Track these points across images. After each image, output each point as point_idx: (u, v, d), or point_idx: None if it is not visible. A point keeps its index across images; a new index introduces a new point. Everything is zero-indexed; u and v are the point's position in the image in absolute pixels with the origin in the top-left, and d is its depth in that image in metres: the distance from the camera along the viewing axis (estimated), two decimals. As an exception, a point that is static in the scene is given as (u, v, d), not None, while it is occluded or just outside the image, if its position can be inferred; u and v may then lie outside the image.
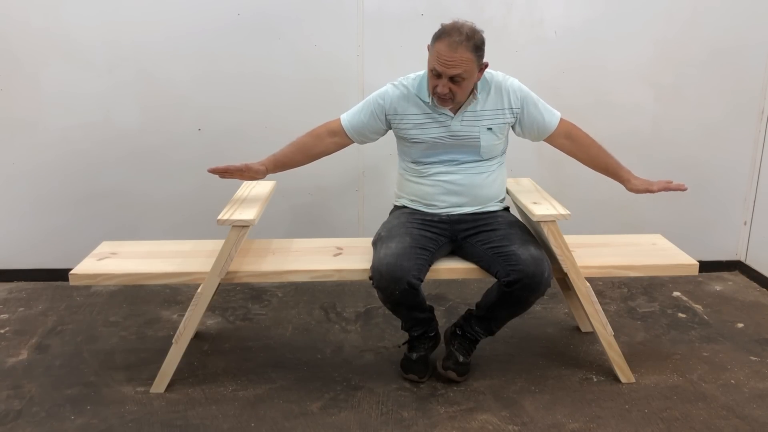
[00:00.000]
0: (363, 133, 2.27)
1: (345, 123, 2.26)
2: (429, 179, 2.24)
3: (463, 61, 1.99)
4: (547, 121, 2.25)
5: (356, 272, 2.20)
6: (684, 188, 2.22)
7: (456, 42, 1.98)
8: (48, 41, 2.86)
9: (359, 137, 2.28)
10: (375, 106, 2.23)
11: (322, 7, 2.90)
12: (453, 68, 2.00)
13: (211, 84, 2.96)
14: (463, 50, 1.98)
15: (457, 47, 1.98)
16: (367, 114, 2.24)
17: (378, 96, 2.23)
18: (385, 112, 2.22)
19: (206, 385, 2.26)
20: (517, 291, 2.07)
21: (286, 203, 3.12)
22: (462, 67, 2.00)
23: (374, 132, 2.27)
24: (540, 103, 2.24)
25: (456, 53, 1.98)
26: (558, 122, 2.26)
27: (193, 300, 2.14)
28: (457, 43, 1.98)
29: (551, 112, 2.26)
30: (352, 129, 2.26)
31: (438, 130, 2.18)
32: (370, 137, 2.30)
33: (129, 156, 3.03)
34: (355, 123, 2.25)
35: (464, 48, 1.98)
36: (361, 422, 2.05)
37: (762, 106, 3.12)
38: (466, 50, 1.99)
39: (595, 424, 2.05)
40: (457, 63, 1.99)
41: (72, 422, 2.04)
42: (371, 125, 2.25)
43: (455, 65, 1.99)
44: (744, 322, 2.75)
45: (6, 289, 3.05)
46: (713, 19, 3.00)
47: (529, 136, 2.30)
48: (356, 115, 2.26)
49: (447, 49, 1.99)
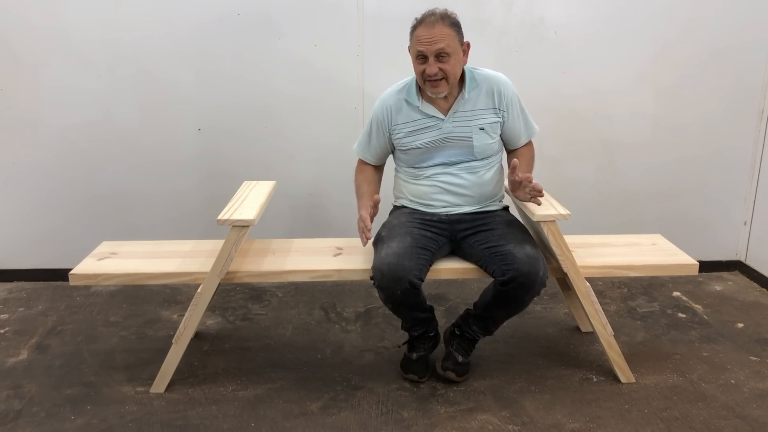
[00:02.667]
0: (379, 155, 2.34)
1: (365, 158, 2.36)
2: (426, 180, 2.25)
3: (443, 36, 2.05)
4: (528, 134, 2.30)
5: (356, 272, 2.21)
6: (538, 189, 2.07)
7: (432, 21, 2.06)
8: (48, 41, 2.86)
9: (380, 161, 2.37)
10: (377, 124, 2.28)
11: (322, 7, 2.90)
12: (436, 43, 2.05)
13: (211, 84, 2.96)
14: (441, 26, 2.05)
15: (434, 24, 2.05)
16: (374, 136, 2.30)
17: (372, 118, 2.29)
18: (383, 128, 2.27)
19: (206, 385, 2.26)
20: (512, 290, 2.07)
21: (286, 203, 3.13)
22: (444, 41, 2.05)
23: (387, 148, 2.33)
24: (525, 114, 2.28)
25: (435, 29, 2.05)
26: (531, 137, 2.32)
27: (193, 300, 2.14)
28: (434, 22, 2.06)
29: (530, 126, 2.30)
30: (374, 158, 2.35)
31: (431, 134, 2.20)
32: (387, 154, 2.36)
33: (129, 156, 3.03)
34: (373, 151, 2.33)
35: (441, 24, 2.06)
36: (361, 422, 2.05)
37: (762, 105, 3.12)
38: (444, 25, 2.06)
39: (595, 424, 2.05)
40: (437, 38, 2.05)
41: (72, 422, 2.04)
42: (380, 145, 2.31)
43: (436, 40, 2.05)
44: (744, 322, 2.75)
45: (6, 289, 3.05)
46: (713, 19, 3.00)
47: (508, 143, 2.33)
48: (368, 147, 2.33)
49: (425, 29, 2.06)
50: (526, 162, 2.29)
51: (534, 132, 2.32)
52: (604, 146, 3.14)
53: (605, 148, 3.15)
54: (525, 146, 2.33)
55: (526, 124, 2.29)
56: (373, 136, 2.30)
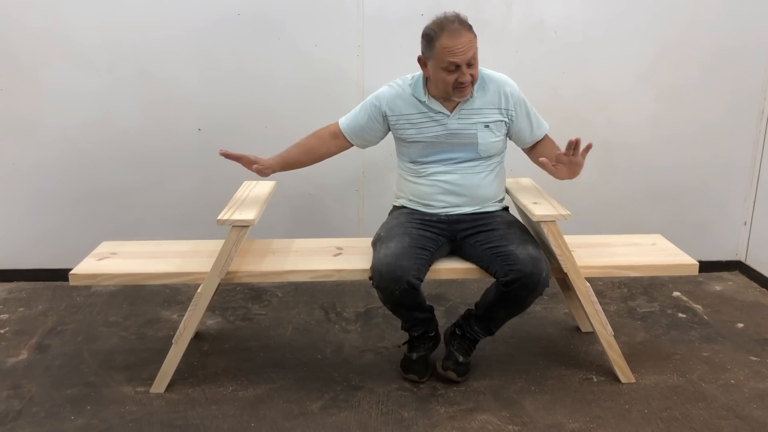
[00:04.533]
0: (362, 135, 2.29)
1: (343, 126, 2.29)
2: (427, 179, 2.25)
3: (470, 43, 2.04)
4: (534, 133, 2.28)
5: (356, 272, 2.20)
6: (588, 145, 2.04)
7: (457, 29, 2.02)
8: (48, 41, 2.86)
9: (359, 140, 2.30)
10: (371, 107, 2.25)
11: (322, 7, 2.90)
12: (468, 52, 2.03)
13: (211, 84, 2.96)
14: (466, 33, 2.03)
15: (460, 32, 2.02)
16: (364, 117, 2.26)
17: (373, 98, 2.25)
18: (381, 113, 2.24)
19: (206, 385, 2.26)
20: (515, 291, 2.07)
21: (286, 203, 3.13)
22: (472, 48, 2.04)
23: (373, 134, 2.29)
24: (531, 114, 2.26)
25: (462, 37, 2.02)
26: (542, 137, 2.29)
27: (193, 300, 2.14)
28: (458, 29, 2.02)
29: (540, 125, 2.28)
30: (351, 132, 2.28)
31: (435, 128, 2.19)
32: (370, 140, 2.31)
33: (129, 156, 3.03)
34: (354, 126, 2.28)
35: (465, 31, 2.03)
36: (361, 422, 2.05)
37: (762, 106, 3.12)
38: (467, 31, 2.04)
39: (595, 424, 2.05)
40: (466, 46, 2.02)
41: (72, 422, 2.04)
42: (369, 127, 2.26)
43: (467, 49, 2.03)
44: (744, 322, 2.75)
45: (6, 289, 3.05)
46: (713, 20, 3.00)
47: (516, 143, 2.33)
48: (354, 118, 2.28)
49: (453, 39, 2.01)
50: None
51: (544, 129, 2.29)
52: (604, 146, 3.14)
53: (605, 149, 3.15)
54: (545, 144, 2.29)
55: (536, 123, 2.26)
56: (363, 109, 2.26)
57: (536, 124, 2.27)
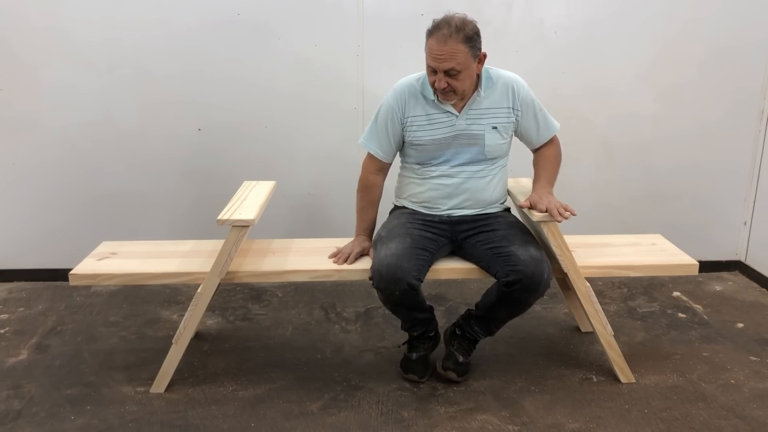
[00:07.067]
0: (392, 150, 2.26)
1: (377, 153, 2.25)
2: (431, 182, 2.23)
3: (454, 54, 1.98)
4: (541, 135, 2.27)
5: (356, 272, 2.20)
6: (574, 214, 2.07)
7: (445, 35, 1.97)
8: (48, 41, 2.86)
9: (392, 157, 2.28)
10: (390, 114, 2.20)
11: (322, 7, 2.90)
12: (445, 62, 1.99)
13: (211, 84, 2.96)
14: (453, 42, 1.97)
15: (446, 40, 1.97)
16: (383, 130, 2.22)
17: (385, 108, 2.21)
18: (401, 115, 2.19)
19: (206, 385, 2.26)
20: (517, 291, 2.07)
21: (286, 203, 3.13)
22: (454, 59, 1.99)
23: (400, 138, 2.24)
24: (539, 116, 2.24)
25: (446, 46, 1.98)
26: (551, 138, 2.29)
27: (193, 300, 2.14)
28: (446, 36, 1.97)
29: (548, 127, 2.26)
30: (384, 153, 2.25)
31: (443, 129, 2.18)
32: (399, 146, 2.27)
33: (129, 156, 3.03)
34: (383, 144, 2.24)
35: (454, 40, 1.97)
36: (361, 422, 2.05)
37: (762, 106, 3.12)
38: (456, 42, 1.98)
39: (595, 424, 2.05)
40: (447, 56, 1.98)
41: (72, 422, 2.04)
42: (394, 133, 2.21)
43: (446, 58, 1.99)
44: (744, 322, 2.75)
45: (6, 289, 3.05)
46: (713, 19, 3.00)
47: (524, 143, 2.32)
48: (377, 139, 2.23)
49: (437, 44, 1.99)
50: (549, 166, 2.25)
51: (554, 130, 2.27)
52: (604, 146, 3.14)
53: (605, 149, 3.15)
54: (548, 146, 2.29)
55: (545, 122, 2.25)
56: (381, 126, 2.21)
57: (543, 127, 2.25)
